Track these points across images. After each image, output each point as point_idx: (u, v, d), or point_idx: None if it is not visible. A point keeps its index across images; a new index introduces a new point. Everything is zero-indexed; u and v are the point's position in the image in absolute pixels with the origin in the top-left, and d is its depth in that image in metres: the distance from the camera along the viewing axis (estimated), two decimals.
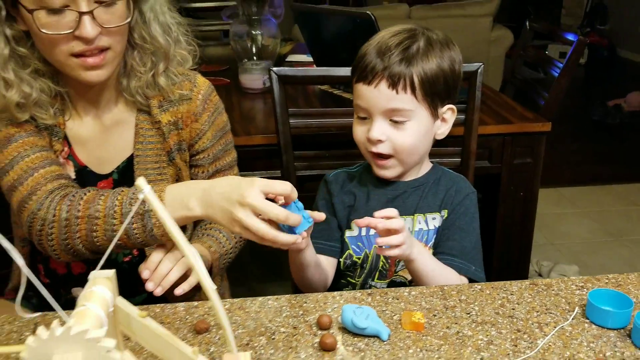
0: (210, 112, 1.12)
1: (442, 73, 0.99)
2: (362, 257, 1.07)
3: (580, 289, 0.86)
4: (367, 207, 1.07)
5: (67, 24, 0.90)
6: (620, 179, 3.47)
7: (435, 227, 1.06)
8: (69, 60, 0.93)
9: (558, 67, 1.84)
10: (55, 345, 0.50)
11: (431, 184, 1.09)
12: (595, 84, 6.02)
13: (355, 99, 1.03)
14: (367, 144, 1.02)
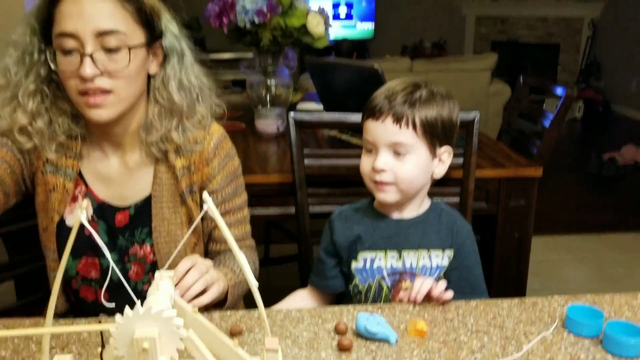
0: (221, 157, 1.20)
1: (441, 119, 1.13)
2: (366, 287, 1.18)
3: (561, 306, 1.00)
4: (372, 240, 1.18)
5: (74, 64, 1.02)
6: (616, 228, 3.60)
7: (439, 265, 1.17)
8: (78, 97, 1.04)
9: (549, 119, 2.00)
10: (137, 322, 0.63)
11: (432, 221, 1.20)
12: (591, 138, 6.21)
13: (364, 134, 1.16)
14: (371, 173, 1.14)
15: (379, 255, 1.18)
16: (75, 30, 1.00)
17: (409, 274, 1.16)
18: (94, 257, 1.16)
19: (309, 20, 2.04)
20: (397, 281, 1.17)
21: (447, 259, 1.17)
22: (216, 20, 2.08)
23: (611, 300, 1.02)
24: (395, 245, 1.17)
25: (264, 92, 2.26)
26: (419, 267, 1.16)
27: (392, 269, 1.17)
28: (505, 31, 8.20)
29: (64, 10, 1.01)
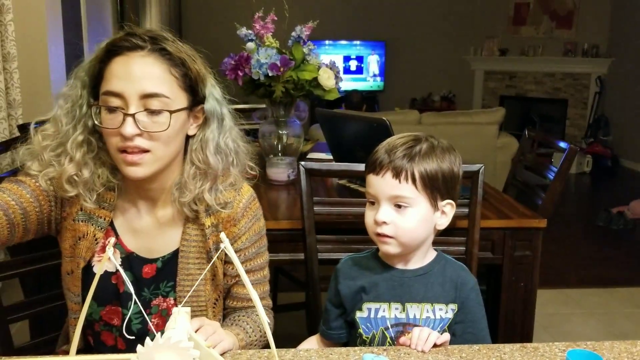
0: (248, 218, 1.24)
1: (442, 172, 1.15)
2: (370, 336, 1.19)
3: (562, 351, 1.02)
4: (376, 292, 1.20)
5: (117, 122, 1.07)
6: (625, 283, 3.58)
7: (442, 317, 1.18)
8: (116, 154, 1.09)
9: (553, 172, 2.06)
10: (157, 352, 0.67)
11: (436, 274, 1.21)
12: (600, 192, 6.24)
13: (367, 187, 1.19)
14: (373, 226, 1.16)
15: (382, 306, 1.19)
16: (122, 91, 1.06)
17: (412, 325, 1.17)
18: (117, 307, 1.19)
19: (320, 73, 2.13)
20: (400, 332, 1.18)
21: (450, 312, 1.18)
22: (232, 73, 2.17)
23: (611, 347, 1.04)
24: (399, 298, 1.19)
25: (276, 142, 2.33)
26: (422, 319, 1.18)
27: (396, 319, 1.19)
28: (513, 86, 8.35)
29: (114, 70, 1.07)
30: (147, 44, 1.09)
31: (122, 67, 1.07)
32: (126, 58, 1.07)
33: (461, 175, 1.21)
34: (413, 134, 1.21)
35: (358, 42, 8.17)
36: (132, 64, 1.07)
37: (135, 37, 1.09)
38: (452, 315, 1.18)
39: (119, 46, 1.08)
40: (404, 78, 8.34)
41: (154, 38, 1.10)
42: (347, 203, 1.68)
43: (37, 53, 3.28)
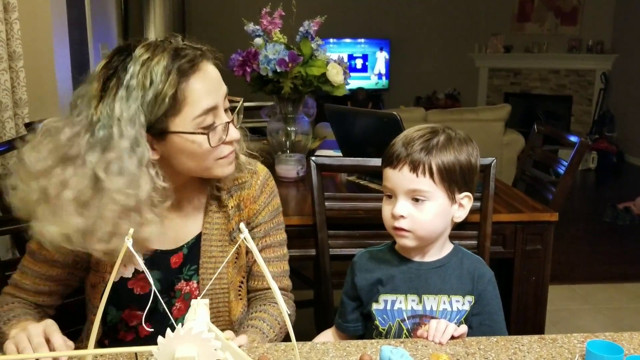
0: (266, 195, 1.27)
1: (459, 164, 1.14)
2: (387, 328, 1.19)
3: (581, 343, 1.01)
4: (392, 284, 1.20)
5: (219, 135, 1.07)
6: (632, 278, 3.58)
7: (459, 309, 1.18)
8: (216, 162, 1.10)
9: (564, 166, 2.05)
10: (178, 343, 0.67)
11: (453, 266, 1.21)
12: (605, 188, 6.22)
13: (384, 181, 1.18)
14: (391, 220, 1.16)
15: (399, 298, 1.19)
16: (215, 103, 1.06)
17: (429, 317, 1.17)
18: (136, 310, 1.19)
19: (328, 69, 2.13)
20: (417, 324, 1.18)
21: (467, 304, 1.18)
22: (240, 69, 2.17)
23: (630, 338, 1.04)
24: (416, 290, 1.19)
25: (284, 139, 2.33)
26: (439, 311, 1.17)
27: (412, 311, 1.18)
28: (518, 83, 8.33)
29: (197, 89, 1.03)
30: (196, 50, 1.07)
31: (204, 81, 1.05)
32: (201, 72, 1.05)
33: (479, 166, 1.20)
34: (430, 126, 1.20)
35: (363, 40, 8.16)
36: (208, 73, 1.07)
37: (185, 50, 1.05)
38: (469, 307, 1.18)
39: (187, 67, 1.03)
40: (408, 76, 8.33)
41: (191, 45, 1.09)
42: (359, 198, 1.68)
43: (43, 52, 3.28)
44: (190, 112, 1.03)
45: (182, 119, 1.03)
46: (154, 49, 1.03)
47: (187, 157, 1.08)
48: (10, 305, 1.15)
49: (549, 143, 6.04)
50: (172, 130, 1.04)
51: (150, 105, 1.00)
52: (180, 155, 1.07)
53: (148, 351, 0.68)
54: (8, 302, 1.16)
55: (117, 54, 1.05)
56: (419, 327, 1.16)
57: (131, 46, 1.05)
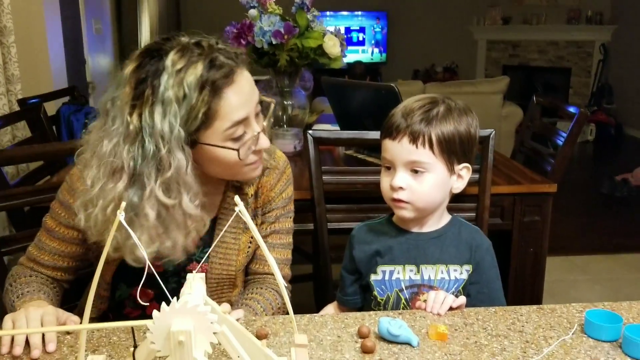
0: (283, 182, 1.27)
1: (459, 135, 1.13)
2: (385, 298, 1.19)
3: (579, 312, 1.01)
4: (390, 255, 1.20)
5: (249, 144, 1.07)
6: (629, 249, 3.59)
7: (457, 278, 1.18)
8: (244, 168, 1.10)
9: (563, 137, 2.03)
10: (174, 316, 0.66)
11: (451, 236, 1.20)
12: (603, 160, 6.22)
13: (382, 152, 1.17)
14: (389, 191, 1.15)
15: (397, 268, 1.19)
16: (246, 115, 1.05)
17: (427, 287, 1.17)
18: (146, 288, 1.18)
19: (325, 41, 2.09)
20: (415, 294, 1.18)
21: (465, 273, 1.18)
22: (235, 42, 2.13)
23: (629, 307, 1.03)
24: (414, 260, 1.19)
25: (281, 113, 2.30)
26: (437, 280, 1.18)
27: (410, 281, 1.18)
28: (516, 55, 8.27)
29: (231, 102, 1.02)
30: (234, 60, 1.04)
31: (237, 93, 1.03)
32: (235, 85, 1.02)
33: (478, 137, 1.19)
34: (430, 96, 1.18)
35: (360, 12, 8.07)
36: (242, 85, 1.04)
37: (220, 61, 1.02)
38: (466, 276, 1.18)
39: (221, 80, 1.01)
40: (406, 49, 8.27)
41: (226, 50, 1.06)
42: (356, 171, 1.67)
43: (34, 26, 3.23)
44: (221, 125, 1.02)
45: (213, 131, 1.03)
46: (188, 56, 1.00)
47: (216, 165, 1.09)
48: (28, 278, 1.16)
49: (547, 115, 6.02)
50: (202, 141, 1.04)
51: (184, 119, 0.99)
52: (209, 163, 1.09)
53: (144, 326, 0.67)
54: (26, 275, 1.17)
55: (148, 57, 1.01)
56: (417, 297, 1.17)
57: (162, 50, 1.01)
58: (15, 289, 1.13)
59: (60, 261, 1.17)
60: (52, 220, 1.17)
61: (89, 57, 4.79)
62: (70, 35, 4.14)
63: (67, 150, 1.66)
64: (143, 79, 0.99)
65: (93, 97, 4.85)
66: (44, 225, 1.18)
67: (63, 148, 1.67)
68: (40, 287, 1.14)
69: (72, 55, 4.14)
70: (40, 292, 1.12)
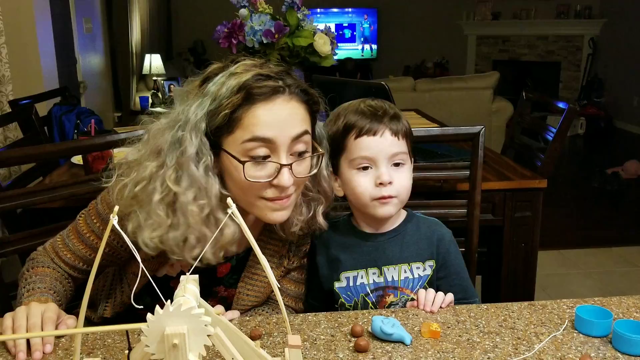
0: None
1: (410, 131, 1.18)
2: (353, 304, 1.19)
3: (570, 308, 1.02)
4: (352, 260, 1.19)
5: (268, 173, 1.00)
6: (620, 242, 3.62)
7: (420, 275, 1.17)
8: (260, 202, 1.03)
9: (552, 133, 2.05)
10: (168, 319, 0.66)
11: (410, 232, 1.20)
12: (594, 153, 6.26)
13: (356, 152, 1.13)
14: (374, 190, 1.13)
15: (360, 273, 1.19)
16: (273, 137, 0.99)
17: (392, 288, 1.18)
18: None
19: (315, 39, 2.10)
20: (381, 297, 1.18)
21: (429, 268, 1.18)
22: (225, 41, 2.13)
23: (619, 302, 1.05)
24: (375, 263, 1.18)
25: None
26: (401, 280, 1.17)
27: (374, 284, 1.18)
28: (506, 50, 8.30)
29: (259, 115, 0.98)
30: (287, 87, 1.01)
31: (269, 112, 0.99)
32: (270, 104, 0.99)
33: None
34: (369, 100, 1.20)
35: (350, 9, 8.07)
36: (278, 109, 0.99)
37: (272, 80, 1.00)
38: (430, 272, 1.18)
39: (259, 93, 0.99)
40: (396, 45, 8.28)
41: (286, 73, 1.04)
42: None
43: (24, 27, 3.22)
44: (241, 135, 0.99)
45: (233, 139, 0.99)
46: (252, 66, 1.02)
47: (232, 182, 1.03)
48: (46, 269, 1.14)
49: (537, 110, 6.06)
50: (223, 147, 1.01)
51: (209, 115, 0.99)
52: (227, 177, 1.04)
53: (139, 328, 0.67)
54: (45, 264, 1.15)
55: (231, 62, 1.05)
56: (383, 300, 1.17)
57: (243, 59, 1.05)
58: (30, 278, 1.11)
59: (81, 263, 1.16)
60: (86, 224, 1.14)
61: (79, 57, 4.78)
62: (60, 35, 4.12)
63: (61, 152, 1.66)
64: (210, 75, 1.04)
65: (84, 97, 4.84)
66: (77, 223, 1.15)
67: (56, 149, 1.67)
68: (53, 284, 1.12)
69: (63, 55, 4.12)
70: (51, 291, 1.10)
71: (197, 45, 7.91)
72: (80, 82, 4.76)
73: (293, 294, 1.25)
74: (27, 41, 3.28)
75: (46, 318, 0.96)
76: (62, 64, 3.97)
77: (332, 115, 1.22)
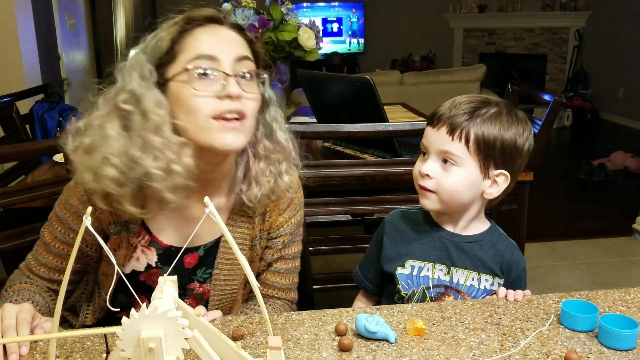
0: (293, 207, 1.20)
1: (501, 140, 1.08)
2: (410, 293, 1.16)
3: (556, 302, 1.02)
4: (421, 250, 1.17)
5: (216, 88, 0.98)
6: (607, 233, 3.64)
7: (486, 288, 1.15)
8: (212, 123, 0.98)
9: (538, 125, 2.04)
10: (143, 323, 0.64)
11: (488, 244, 1.16)
12: (580, 145, 6.29)
13: (422, 138, 1.15)
14: (418, 177, 1.13)
15: (427, 265, 1.16)
16: (216, 54, 0.99)
17: (454, 289, 1.15)
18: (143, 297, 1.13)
19: (300, 34, 2.08)
20: (441, 294, 1.16)
21: (496, 284, 1.15)
22: None
23: (605, 296, 1.04)
24: (445, 261, 1.16)
25: None
26: (466, 286, 1.15)
27: (438, 280, 1.16)
28: (492, 43, 8.31)
29: (200, 36, 1.01)
30: (224, 18, 1.05)
31: (210, 33, 1.02)
32: (211, 28, 1.03)
33: (527, 149, 1.13)
34: (486, 97, 1.15)
35: (336, 3, 8.03)
36: (219, 31, 1.03)
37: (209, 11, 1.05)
38: (496, 288, 1.14)
39: (199, 19, 1.03)
40: (383, 39, 8.26)
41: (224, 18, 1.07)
42: (334, 164, 1.65)
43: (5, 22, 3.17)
44: (184, 57, 1.00)
45: (177, 64, 1.01)
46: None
47: (182, 110, 1.00)
48: (23, 285, 1.12)
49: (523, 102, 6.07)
50: (168, 76, 1.01)
51: (150, 52, 1.01)
52: (178, 110, 1.00)
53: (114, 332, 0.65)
54: (22, 281, 1.14)
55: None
56: (442, 298, 1.15)
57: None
58: (8, 294, 1.10)
59: (56, 274, 1.13)
60: (50, 233, 1.13)
61: (63, 53, 4.71)
62: (43, 31, 4.06)
63: (42, 150, 1.63)
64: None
65: (68, 94, 4.78)
66: (42, 237, 1.14)
67: (37, 147, 1.64)
68: (31, 296, 1.10)
69: (46, 52, 4.07)
70: (29, 301, 1.07)
71: None
72: (64, 79, 4.70)
73: (280, 285, 1.24)
74: (7, 38, 3.24)
75: (20, 319, 0.94)
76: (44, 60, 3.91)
77: None
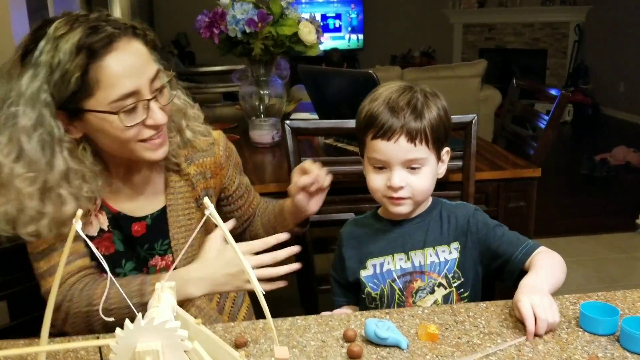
0: (230, 156, 1.29)
1: (441, 119, 1.11)
2: (379, 292, 1.16)
3: (573, 304, 0.97)
4: (378, 248, 1.18)
5: (141, 115, 1.01)
6: (610, 229, 3.60)
7: (446, 259, 1.15)
8: (136, 145, 1.04)
9: (544, 120, 2.00)
10: (139, 335, 0.60)
11: (435, 217, 1.18)
12: (582, 140, 6.25)
13: (372, 153, 1.11)
14: (386, 191, 1.11)
15: (387, 259, 1.17)
16: (137, 88, 1.00)
17: (419, 272, 1.15)
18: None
19: (300, 28, 2.03)
20: (408, 282, 1.15)
21: (455, 251, 1.15)
22: (207, 31, 2.06)
23: (623, 296, 1.00)
24: (402, 248, 1.16)
25: (258, 103, 2.24)
26: (427, 264, 1.15)
27: (401, 270, 1.16)
28: (492, 38, 8.25)
29: (113, 70, 0.97)
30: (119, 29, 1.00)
31: (120, 59, 0.98)
32: (118, 51, 0.98)
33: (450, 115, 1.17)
34: (402, 85, 1.14)
35: None
36: (127, 49, 0.99)
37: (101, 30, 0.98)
38: (456, 255, 1.14)
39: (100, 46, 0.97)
40: (383, 35, 8.20)
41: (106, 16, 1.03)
42: (336, 162, 1.61)
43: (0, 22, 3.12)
44: (105, 96, 0.98)
45: (96, 100, 0.98)
46: (71, 24, 0.97)
47: (106, 138, 1.03)
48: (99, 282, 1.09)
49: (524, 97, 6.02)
50: (86, 108, 0.99)
51: (57, 85, 0.96)
52: (100, 135, 1.03)
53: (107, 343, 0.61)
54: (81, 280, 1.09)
55: (40, 28, 0.99)
56: (410, 285, 1.14)
57: (53, 20, 0.99)
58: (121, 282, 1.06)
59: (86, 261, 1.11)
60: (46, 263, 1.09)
61: None
62: None
63: None
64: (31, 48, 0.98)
65: None
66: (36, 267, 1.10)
67: None
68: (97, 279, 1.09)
69: None
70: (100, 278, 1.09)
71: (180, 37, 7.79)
72: None
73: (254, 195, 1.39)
74: (1, 36, 3.18)
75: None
76: None
77: (368, 96, 1.17)
